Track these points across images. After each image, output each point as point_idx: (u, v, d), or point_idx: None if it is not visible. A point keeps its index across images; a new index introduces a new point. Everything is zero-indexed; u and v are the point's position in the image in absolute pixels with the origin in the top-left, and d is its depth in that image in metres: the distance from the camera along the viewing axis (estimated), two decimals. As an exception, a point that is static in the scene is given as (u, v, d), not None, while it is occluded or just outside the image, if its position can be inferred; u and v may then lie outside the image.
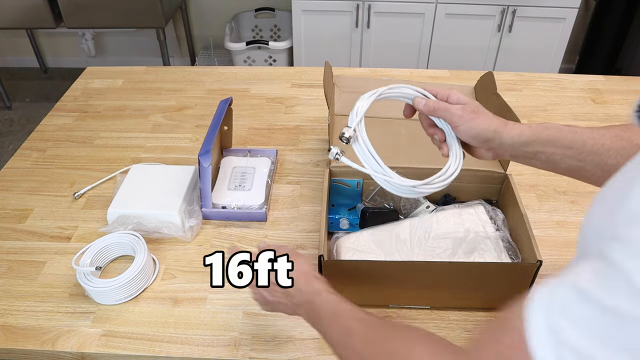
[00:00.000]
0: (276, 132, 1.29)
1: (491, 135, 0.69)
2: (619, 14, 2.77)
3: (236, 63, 2.79)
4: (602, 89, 1.48)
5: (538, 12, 2.46)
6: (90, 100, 1.43)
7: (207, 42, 3.18)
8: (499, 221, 0.92)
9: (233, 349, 0.80)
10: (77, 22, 2.60)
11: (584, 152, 0.66)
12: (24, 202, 1.09)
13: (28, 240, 1.00)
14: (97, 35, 3.25)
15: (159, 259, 0.95)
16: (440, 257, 0.86)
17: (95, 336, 0.82)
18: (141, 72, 1.56)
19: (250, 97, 1.44)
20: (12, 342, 0.82)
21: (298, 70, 1.59)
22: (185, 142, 1.26)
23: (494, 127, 0.69)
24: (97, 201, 1.09)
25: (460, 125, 0.71)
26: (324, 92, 1.10)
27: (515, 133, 0.69)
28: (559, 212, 1.06)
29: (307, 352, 0.80)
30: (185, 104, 1.41)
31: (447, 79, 1.53)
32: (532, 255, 0.80)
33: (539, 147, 0.68)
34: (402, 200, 0.97)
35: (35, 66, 3.37)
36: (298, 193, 1.10)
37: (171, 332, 0.83)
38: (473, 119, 0.70)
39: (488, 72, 1.12)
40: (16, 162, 1.20)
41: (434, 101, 0.73)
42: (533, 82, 1.51)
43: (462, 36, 2.57)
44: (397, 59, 2.66)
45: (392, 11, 2.51)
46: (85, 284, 0.84)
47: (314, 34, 2.61)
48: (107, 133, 1.29)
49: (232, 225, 1.03)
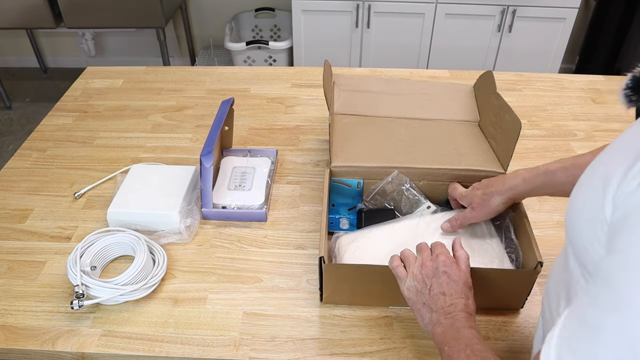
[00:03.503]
0: (276, 132, 1.29)
1: (501, 209, 0.86)
2: (619, 14, 2.77)
3: (236, 63, 2.79)
4: (602, 89, 1.48)
5: (538, 12, 2.46)
6: (90, 100, 1.43)
7: (207, 42, 3.18)
8: (502, 221, 0.92)
9: (233, 349, 0.80)
10: (77, 22, 2.60)
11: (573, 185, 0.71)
12: (24, 202, 1.09)
13: (28, 240, 1.00)
14: (97, 35, 3.25)
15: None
16: None
17: (95, 336, 0.82)
18: (141, 72, 1.56)
19: (250, 97, 1.44)
20: (12, 342, 0.82)
21: (298, 70, 1.59)
22: (185, 142, 1.26)
23: (498, 208, 0.86)
24: (97, 201, 1.09)
25: (479, 220, 0.90)
26: (324, 91, 1.09)
27: (514, 196, 0.84)
28: (559, 212, 1.06)
29: (307, 352, 0.80)
30: (185, 104, 1.41)
31: (447, 79, 1.53)
32: (532, 257, 0.80)
33: (537, 192, 0.83)
34: (403, 200, 0.97)
35: (35, 66, 3.38)
36: (298, 193, 1.10)
37: (171, 332, 0.83)
38: (485, 215, 0.88)
39: (487, 72, 1.12)
40: (16, 162, 1.20)
41: (455, 221, 0.90)
42: (533, 82, 1.51)
43: (462, 36, 2.57)
44: (397, 59, 2.66)
45: (392, 11, 2.51)
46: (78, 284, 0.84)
47: (314, 34, 2.61)
48: (107, 133, 1.29)
49: (232, 225, 1.03)
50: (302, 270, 0.93)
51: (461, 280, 0.70)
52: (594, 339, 0.38)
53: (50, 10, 2.53)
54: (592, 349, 0.38)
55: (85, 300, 0.83)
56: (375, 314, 0.85)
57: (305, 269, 0.93)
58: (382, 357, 0.79)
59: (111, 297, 0.85)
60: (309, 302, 0.87)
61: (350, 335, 0.82)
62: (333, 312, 0.86)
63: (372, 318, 0.85)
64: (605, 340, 0.37)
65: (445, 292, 0.68)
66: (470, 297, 0.69)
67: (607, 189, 0.43)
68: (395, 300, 0.85)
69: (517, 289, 0.83)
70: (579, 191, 0.51)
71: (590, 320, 0.39)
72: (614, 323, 0.37)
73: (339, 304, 0.87)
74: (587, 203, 0.47)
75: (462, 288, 0.69)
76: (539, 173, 0.81)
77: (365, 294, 0.85)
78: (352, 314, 0.85)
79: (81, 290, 0.83)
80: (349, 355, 0.80)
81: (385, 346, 0.81)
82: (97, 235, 0.94)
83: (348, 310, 0.86)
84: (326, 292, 0.85)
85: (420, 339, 0.82)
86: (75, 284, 0.83)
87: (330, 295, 0.85)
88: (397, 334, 0.83)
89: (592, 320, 0.39)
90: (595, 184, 0.45)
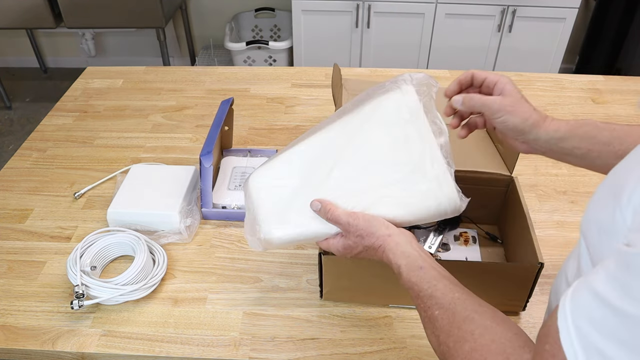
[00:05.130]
0: (276, 132, 1.29)
1: (528, 129, 0.69)
2: (619, 14, 2.77)
3: (236, 63, 2.79)
4: (602, 89, 1.48)
5: (538, 12, 2.46)
6: (90, 100, 1.43)
7: (207, 42, 3.18)
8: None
9: (233, 349, 0.80)
10: (77, 22, 2.60)
11: (621, 150, 0.65)
12: (24, 202, 1.09)
13: (28, 240, 1.00)
14: (97, 35, 3.25)
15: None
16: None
17: (95, 336, 0.82)
18: (141, 72, 1.56)
19: (250, 97, 1.44)
20: (12, 342, 0.82)
21: (298, 70, 1.59)
22: (185, 142, 1.26)
23: (531, 121, 0.69)
24: (97, 201, 1.09)
25: (498, 117, 0.70)
26: (332, 94, 1.09)
27: (552, 128, 0.68)
28: (559, 212, 1.06)
29: (307, 352, 0.80)
30: (185, 104, 1.41)
31: (447, 79, 1.53)
32: (534, 257, 0.80)
33: (575, 143, 0.68)
34: None
35: (35, 66, 3.38)
36: (298, 193, 1.10)
37: (171, 332, 0.83)
38: (510, 112, 0.69)
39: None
40: (16, 162, 1.20)
41: (469, 97, 0.72)
42: (533, 82, 1.51)
43: (462, 36, 2.57)
44: (397, 59, 2.66)
45: (392, 11, 2.51)
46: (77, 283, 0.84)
47: (314, 34, 2.62)
48: (107, 133, 1.29)
49: (232, 225, 1.03)
50: (302, 270, 0.93)
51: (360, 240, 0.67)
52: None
53: (50, 10, 2.53)
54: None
55: (85, 300, 0.83)
56: (375, 313, 0.85)
57: (305, 269, 0.93)
58: (382, 357, 0.79)
59: (111, 297, 0.85)
60: (309, 302, 0.87)
61: (350, 335, 0.82)
62: (333, 312, 0.86)
63: (372, 318, 0.85)
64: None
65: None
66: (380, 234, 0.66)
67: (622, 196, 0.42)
68: (395, 297, 0.85)
69: (517, 286, 0.82)
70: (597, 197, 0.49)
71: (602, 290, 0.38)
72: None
73: (339, 302, 0.87)
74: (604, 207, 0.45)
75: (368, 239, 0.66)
76: (584, 123, 0.69)
77: (365, 290, 0.85)
78: (352, 314, 0.85)
79: (81, 290, 0.83)
80: (348, 355, 0.80)
81: (385, 346, 0.81)
82: (97, 235, 0.94)
83: (348, 310, 0.86)
84: (326, 287, 0.85)
85: (420, 339, 0.82)
86: (75, 284, 0.83)
87: (330, 291, 0.85)
88: (397, 333, 0.83)
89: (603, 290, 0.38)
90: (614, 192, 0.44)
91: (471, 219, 1.01)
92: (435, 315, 0.57)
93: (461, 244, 0.97)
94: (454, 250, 0.97)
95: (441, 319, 0.56)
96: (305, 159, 0.73)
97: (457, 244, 0.98)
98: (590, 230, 0.48)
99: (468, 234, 0.99)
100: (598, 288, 0.38)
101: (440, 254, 0.96)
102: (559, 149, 0.69)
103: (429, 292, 0.59)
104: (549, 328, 0.42)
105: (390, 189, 0.70)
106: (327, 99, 1.41)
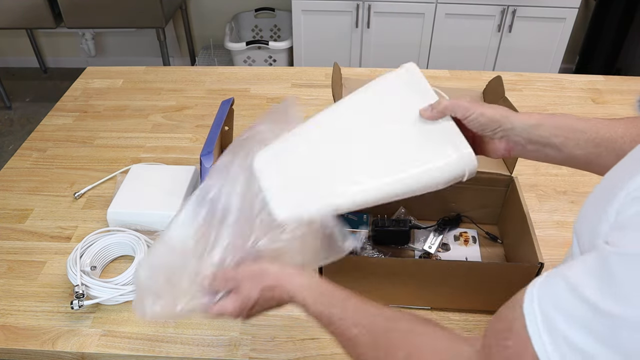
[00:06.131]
0: (276, 132, 1.29)
1: (503, 119, 0.68)
2: (619, 14, 2.77)
3: (236, 63, 2.79)
4: (602, 89, 1.48)
5: (538, 12, 2.46)
6: (90, 100, 1.43)
7: (207, 42, 3.18)
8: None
9: (233, 349, 0.80)
10: (77, 22, 2.60)
11: (598, 138, 0.64)
12: (24, 202, 1.09)
13: (28, 240, 1.00)
14: (97, 35, 3.24)
15: (159, 259, 0.95)
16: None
17: (95, 336, 0.82)
18: (141, 72, 1.55)
19: (251, 97, 1.44)
20: (12, 342, 0.82)
21: (298, 70, 1.59)
22: (185, 142, 1.26)
23: (503, 112, 0.68)
24: (97, 201, 1.09)
25: (471, 114, 0.68)
26: (332, 93, 1.09)
27: (525, 117, 0.68)
28: (559, 212, 1.06)
29: (307, 352, 0.80)
30: (185, 104, 1.41)
31: (447, 79, 1.53)
32: (534, 258, 0.80)
33: (552, 130, 0.67)
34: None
35: (35, 66, 3.37)
36: (298, 193, 1.10)
37: (171, 332, 0.83)
38: (481, 106, 0.69)
39: (497, 77, 1.11)
40: (16, 162, 1.20)
41: (442, 103, 0.70)
42: (533, 82, 1.51)
43: (462, 36, 2.57)
44: (397, 59, 2.64)
45: (392, 11, 2.51)
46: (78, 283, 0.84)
47: (314, 34, 2.61)
48: (107, 133, 1.29)
49: (232, 225, 1.02)
50: (302, 270, 0.93)
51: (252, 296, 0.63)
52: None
53: (50, 10, 2.52)
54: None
55: (85, 300, 0.83)
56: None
57: (305, 269, 0.93)
58: (382, 357, 0.79)
59: (111, 297, 0.85)
60: (309, 302, 0.87)
61: (350, 335, 0.82)
62: (333, 312, 0.86)
63: (372, 318, 0.85)
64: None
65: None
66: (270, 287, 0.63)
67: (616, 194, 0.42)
68: (395, 297, 0.85)
69: (517, 286, 0.82)
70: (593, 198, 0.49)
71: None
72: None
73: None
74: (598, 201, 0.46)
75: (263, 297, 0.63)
76: (557, 114, 0.70)
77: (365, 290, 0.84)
78: (352, 314, 0.85)
79: (81, 290, 0.83)
80: (349, 355, 0.79)
81: (385, 346, 0.81)
82: (97, 235, 0.94)
83: (348, 310, 0.86)
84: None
85: (420, 339, 0.81)
86: (75, 284, 0.83)
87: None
88: (397, 334, 0.82)
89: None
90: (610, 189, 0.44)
91: (471, 219, 1.01)
92: (354, 334, 0.55)
93: (461, 244, 0.97)
94: (454, 250, 0.97)
95: (362, 335, 0.55)
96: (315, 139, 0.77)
97: (457, 244, 0.98)
98: (582, 230, 0.48)
99: (468, 234, 0.99)
100: (571, 278, 0.39)
101: (440, 254, 0.96)
102: (537, 138, 0.68)
103: (340, 315, 0.57)
104: (509, 320, 0.43)
105: (406, 158, 0.69)
106: (327, 99, 1.41)
